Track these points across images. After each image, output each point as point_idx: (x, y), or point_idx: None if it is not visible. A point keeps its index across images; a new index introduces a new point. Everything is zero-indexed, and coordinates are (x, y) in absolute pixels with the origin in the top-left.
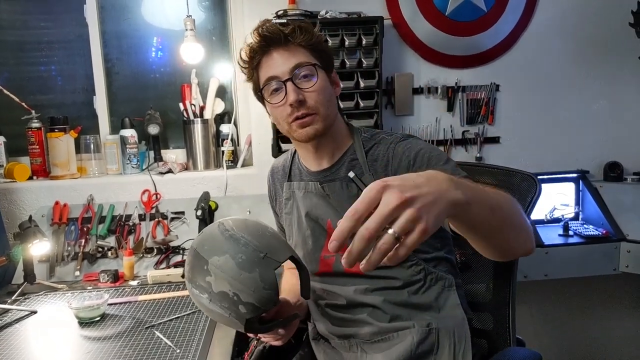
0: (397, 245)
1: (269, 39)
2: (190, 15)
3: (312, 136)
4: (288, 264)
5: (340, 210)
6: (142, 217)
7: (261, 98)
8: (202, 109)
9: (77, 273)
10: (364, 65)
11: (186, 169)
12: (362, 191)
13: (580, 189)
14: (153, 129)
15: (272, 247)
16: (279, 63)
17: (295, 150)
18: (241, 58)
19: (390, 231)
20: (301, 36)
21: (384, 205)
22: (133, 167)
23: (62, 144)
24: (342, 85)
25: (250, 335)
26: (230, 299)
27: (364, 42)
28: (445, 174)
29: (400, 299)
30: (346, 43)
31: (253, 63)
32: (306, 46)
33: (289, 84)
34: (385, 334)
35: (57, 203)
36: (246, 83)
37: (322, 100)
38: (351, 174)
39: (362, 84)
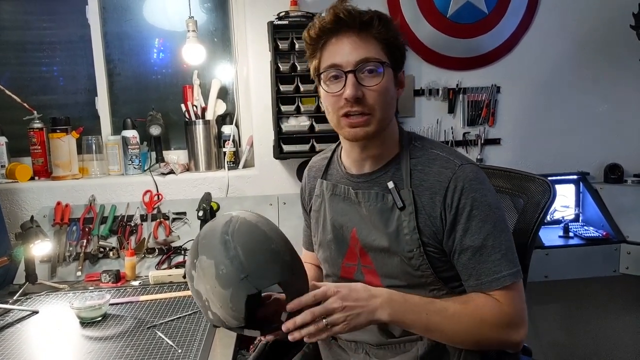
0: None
1: (343, 21)
2: (193, 17)
3: (360, 138)
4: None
5: (368, 220)
6: (143, 218)
7: (318, 80)
8: (203, 110)
9: (79, 273)
10: None
11: (188, 169)
12: (396, 205)
13: (581, 190)
14: (155, 130)
15: (259, 270)
16: (346, 51)
17: (336, 149)
18: (308, 34)
19: (324, 321)
20: (378, 27)
21: (329, 305)
22: (135, 167)
23: (64, 144)
24: None
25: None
26: (202, 301)
27: None
28: (390, 294)
29: None
30: None
31: (319, 42)
32: (380, 39)
33: (350, 76)
34: (391, 344)
35: (58, 203)
36: (247, 84)
37: (381, 102)
38: (390, 185)
39: None
